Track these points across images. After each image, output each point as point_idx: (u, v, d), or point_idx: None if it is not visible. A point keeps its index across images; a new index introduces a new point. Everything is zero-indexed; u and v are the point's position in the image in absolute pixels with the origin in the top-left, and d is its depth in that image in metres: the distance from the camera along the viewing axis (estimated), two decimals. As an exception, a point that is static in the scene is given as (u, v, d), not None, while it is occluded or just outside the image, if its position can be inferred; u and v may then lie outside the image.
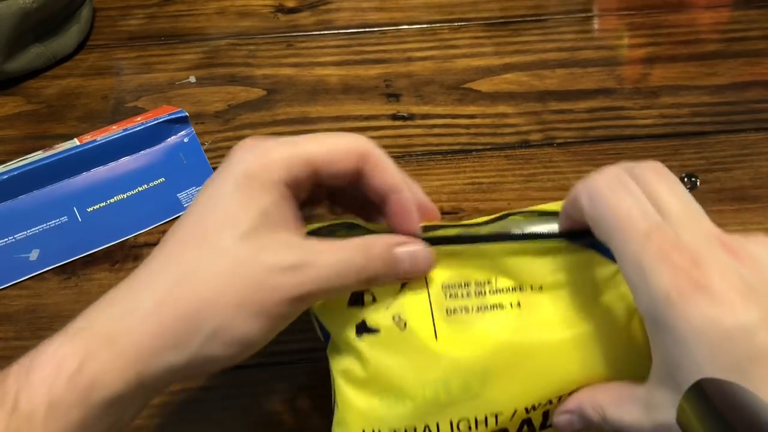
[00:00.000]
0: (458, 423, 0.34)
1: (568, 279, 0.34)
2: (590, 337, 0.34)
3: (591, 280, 0.34)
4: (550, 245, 0.34)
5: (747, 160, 0.54)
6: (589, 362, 0.34)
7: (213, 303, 0.29)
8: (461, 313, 0.34)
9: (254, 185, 0.30)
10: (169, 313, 0.29)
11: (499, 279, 0.34)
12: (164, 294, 0.29)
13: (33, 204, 0.52)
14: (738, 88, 0.60)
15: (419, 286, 0.34)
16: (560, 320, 0.34)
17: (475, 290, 0.34)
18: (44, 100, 0.61)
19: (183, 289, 0.29)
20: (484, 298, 0.34)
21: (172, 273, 0.30)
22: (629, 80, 0.61)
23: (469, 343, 0.33)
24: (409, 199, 0.33)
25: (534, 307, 0.34)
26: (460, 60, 0.63)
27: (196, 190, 0.53)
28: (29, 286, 0.49)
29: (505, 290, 0.34)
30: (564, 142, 0.56)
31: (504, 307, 0.34)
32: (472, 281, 0.34)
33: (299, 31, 0.67)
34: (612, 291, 0.34)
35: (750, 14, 0.67)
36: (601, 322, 0.34)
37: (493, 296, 0.34)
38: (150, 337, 0.29)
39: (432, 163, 0.55)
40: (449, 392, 0.33)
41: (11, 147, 0.57)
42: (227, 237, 0.30)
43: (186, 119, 0.55)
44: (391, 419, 0.34)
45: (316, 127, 0.58)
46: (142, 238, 0.51)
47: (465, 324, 0.34)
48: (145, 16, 0.69)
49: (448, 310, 0.34)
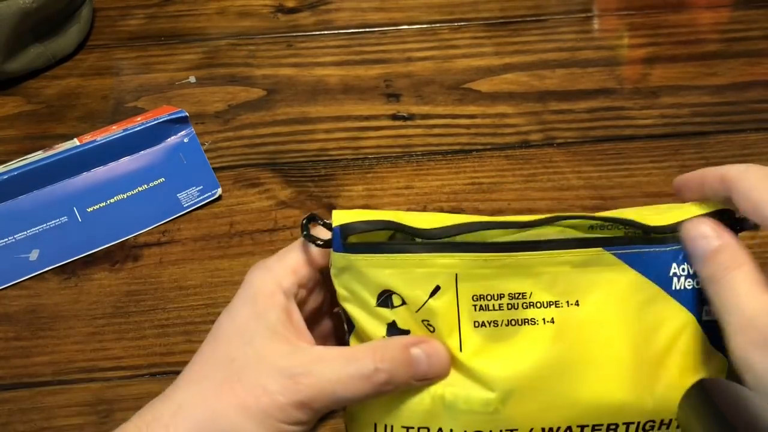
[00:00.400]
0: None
1: (606, 294, 0.33)
2: (619, 363, 0.32)
3: (630, 297, 0.33)
4: (590, 253, 0.32)
5: (747, 160, 0.54)
6: (614, 388, 0.33)
7: (219, 412, 0.31)
8: (490, 327, 0.32)
9: (260, 301, 0.33)
10: (183, 425, 0.31)
11: (536, 291, 0.32)
12: (181, 405, 0.31)
13: (33, 204, 0.52)
14: (738, 88, 0.60)
15: (448, 294, 0.32)
16: (591, 341, 0.33)
17: (508, 303, 0.32)
18: (44, 100, 0.61)
19: (195, 399, 0.31)
20: (516, 312, 0.32)
21: (192, 388, 0.32)
22: (629, 80, 0.61)
23: (494, 360, 0.32)
24: None
25: (567, 325, 0.32)
26: (460, 60, 0.63)
27: (197, 189, 0.53)
28: (29, 286, 0.49)
29: (541, 304, 0.32)
30: (564, 142, 0.56)
31: (537, 323, 0.32)
32: (506, 293, 0.32)
33: (299, 31, 0.67)
34: (650, 312, 0.33)
35: (750, 14, 0.67)
36: (633, 347, 0.33)
37: (527, 310, 0.32)
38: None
39: (432, 163, 0.55)
40: (468, 403, 0.33)
41: (11, 147, 0.57)
42: (236, 347, 0.32)
43: (186, 119, 0.55)
44: (405, 416, 0.33)
45: (316, 127, 0.58)
46: (142, 238, 0.51)
47: (492, 339, 0.32)
48: (145, 16, 0.69)
49: (476, 323, 0.32)
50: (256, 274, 0.34)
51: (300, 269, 0.34)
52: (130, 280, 0.49)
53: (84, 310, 0.47)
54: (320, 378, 0.31)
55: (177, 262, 0.50)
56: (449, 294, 0.32)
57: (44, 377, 0.44)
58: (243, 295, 0.33)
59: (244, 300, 0.33)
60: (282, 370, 0.31)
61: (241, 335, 0.32)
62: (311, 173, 0.55)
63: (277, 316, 0.32)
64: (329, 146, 0.57)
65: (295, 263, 0.34)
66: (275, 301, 0.33)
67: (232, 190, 0.54)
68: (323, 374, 0.31)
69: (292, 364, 0.31)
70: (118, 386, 0.43)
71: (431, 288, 0.32)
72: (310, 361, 0.32)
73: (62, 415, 0.42)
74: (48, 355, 0.45)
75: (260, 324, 0.32)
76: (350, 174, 0.55)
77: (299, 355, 0.32)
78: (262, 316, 0.32)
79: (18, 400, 0.43)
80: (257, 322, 0.32)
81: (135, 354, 0.45)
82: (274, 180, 0.54)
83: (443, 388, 0.33)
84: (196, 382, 0.32)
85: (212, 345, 0.33)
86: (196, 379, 0.32)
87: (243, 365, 0.31)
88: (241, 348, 0.32)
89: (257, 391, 0.31)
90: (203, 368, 0.32)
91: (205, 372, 0.32)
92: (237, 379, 0.31)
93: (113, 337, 0.46)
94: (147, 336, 0.46)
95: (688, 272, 0.33)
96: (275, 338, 0.32)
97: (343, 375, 0.31)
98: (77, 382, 0.44)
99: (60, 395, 0.43)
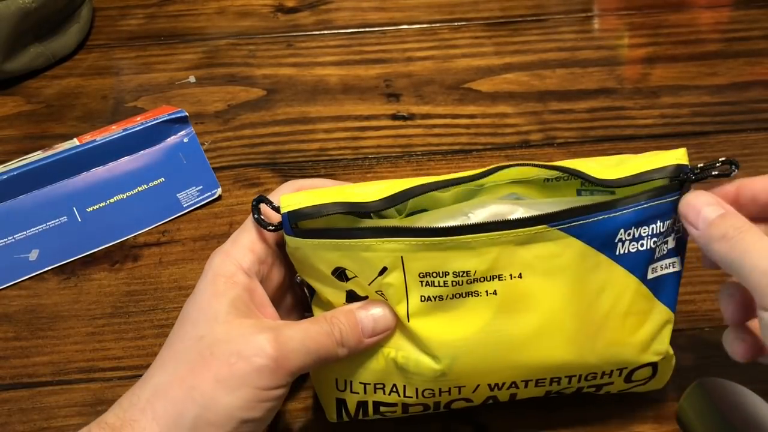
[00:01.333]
0: (423, 391, 0.36)
1: (549, 266, 0.34)
2: (560, 328, 0.34)
3: (574, 267, 0.34)
4: (534, 231, 0.33)
5: (748, 160, 0.54)
6: (556, 351, 0.35)
7: (194, 387, 0.31)
8: (435, 300, 0.34)
9: (220, 281, 0.34)
10: (160, 406, 0.31)
11: (480, 269, 0.34)
12: (156, 388, 0.32)
13: (33, 204, 0.52)
14: (738, 88, 0.60)
15: (396, 272, 0.34)
16: (533, 310, 0.34)
17: (453, 280, 0.34)
18: (44, 99, 0.61)
19: (169, 379, 0.32)
20: (460, 288, 0.34)
21: (166, 370, 0.33)
22: (629, 80, 0.61)
23: (438, 330, 0.34)
24: None
25: (510, 295, 0.34)
26: (460, 60, 0.63)
27: (196, 189, 0.53)
28: (29, 286, 0.49)
29: (484, 278, 0.34)
30: (564, 142, 0.56)
31: (480, 294, 0.34)
32: (451, 271, 0.34)
33: (299, 30, 0.67)
34: (593, 279, 0.34)
35: (750, 14, 0.67)
36: (575, 313, 0.34)
37: (471, 285, 0.34)
38: (148, 427, 0.31)
39: (432, 163, 0.55)
40: (418, 367, 0.35)
41: (11, 147, 0.57)
42: (202, 326, 0.33)
43: (186, 119, 0.55)
44: (362, 374, 0.36)
45: (316, 127, 0.58)
46: (141, 238, 0.51)
47: (438, 310, 0.34)
48: (145, 15, 0.69)
49: (422, 297, 0.34)
50: (215, 260, 0.35)
51: (256, 247, 0.35)
52: (130, 280, 0.49)
53: (83, 310, 0.47)
54: (291, 335, 0.33)
55: (177, 262, 0.49)
56: (397, 272, 0.34)
57: (44, 377, 0.44)
58: (204, 280, 0.34)
59: (205, 284, 0.34)
60: (253, 335, 0.32)
61: (205, 314, 0.33)
62: (311, 173, 0.55)
63: (238, 293, 0.34)
64: (329, 146, 0.57)
65: (250, 242, 0.35)
66: (236, 281, 0.34)
67: (231, 190, 0.54)
68: (293, 332, 0.33)
69: (261, 329, 0.32)
70: (118, 386, 0.43)
71: (379, 268, 0.34)
72: (277, 326, 0.33)
73: (62, 415, 0.42)
74: (47, 355, 0.45)
75: (222, 302, 0.33)
76: (350, 174, 0.54)
77: (266, 324, 0.33)
78: (224, 295, 0.33)
79: (17, 400, 0.43)
80: (219, 300, 0.33)
81: (134, 354, 0.45)
82: (274, 180, 0.54)
83: (395, 352, 0.35)
84: (169, 364, 0.33)
85: (179, 329, 0.34)
86: (167, 362, 0.33)
87: (212, 340, 0.32)
88: (208, 325, 0.33)
89: (231, 359, 0.31)
90: (173, 351, 0.33)
91: (176, 354, 0.33)
92: (209, 353, 0.32)
93: (113, 337, 0.46)
94: (146, 336, 0.46)
95: (633, 236, 0.34)
96: (239, 313, 0.33)
97: (310, 332, 0.33)
98: (77, 382, 0.43)
99: (59, 395, 0.43)
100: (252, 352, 0.31)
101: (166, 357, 0.33)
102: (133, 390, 0.33)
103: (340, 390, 0.37)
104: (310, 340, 0.33)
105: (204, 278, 0.34)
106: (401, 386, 0.36)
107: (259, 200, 0.35)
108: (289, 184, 0.38)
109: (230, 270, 0.34)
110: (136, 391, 0.33)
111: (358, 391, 0.37)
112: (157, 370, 0.33)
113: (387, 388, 0.36)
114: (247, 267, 0.34)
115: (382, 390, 0.36)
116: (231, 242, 0.36)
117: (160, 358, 0.33)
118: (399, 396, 0.36)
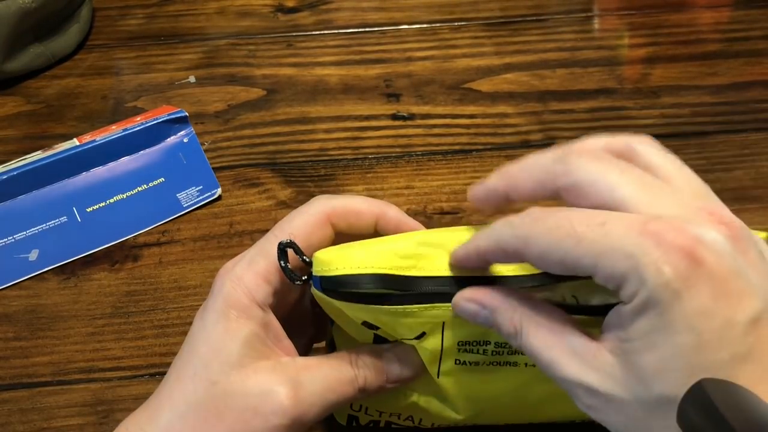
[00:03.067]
0: (439, 425, 0.36)
1: None
2: None
3: None
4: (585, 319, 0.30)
5: (748, 160, 0.54)
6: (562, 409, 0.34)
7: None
8: (470, 365, 0.32)
9: (233, 314, 0.31)
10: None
11: None
12: (158, 425, 0.30)
13: (32, 204, 0.52)
14: (739, 88, 0.60)
15: (434, 338, 0.32)
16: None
17: (494, 350, 0.32)
18: (44, 99, 0.61)
19: (182, 428, 0.30)
20: (500, 357, 0.32)
21: (176, 412, 0.30)
22: (630, 80, 0.61)
23: (468, 388, 0.33)
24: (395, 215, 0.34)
25: None
26: (460, 60, 0.63)
27: (196, 189, 0.53)
28: (29, 286, 0.49)
29: None
30: (564, 142, 0.56)
31: (518, 365, 0.32)
32: (492, 341, 0.32)
33: (299, 30, 0.67)
34: None
35: (751, 14, 0.67)
36: None
37: (511, 356, 0.32)
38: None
39: (432, 163, 0.55)
40: (439, 412, 0.35)
41: (11, 147, 0.57)
42: (216, 369, 0.30)
43: (186, 119, 0.55)
44: (380, 404, 0.35)
45: (316, 127, 0.58)
46: (141, 238, 0.51)
47: (471, 373, 0.33)
48: (145, 15, 0.69)
49: (457, 360, 0.32)
50: (226, 285, 0.31)
51: (272, 277, 0.32)
52: (130, 280, 0.49)
53: (83, 310, 0.47)
54: (310, 388, 0.30)
55: (176, 262, 0.49)
56: (435, 338, 0.32)
57: (43, 377, 0.44)
58: (215, 308, 0.31)
59: (218, 315, 0.31)
60: (270, 389, 0.30)
61: (218, 355, 0.30)
62: (311, 173, 0.55)
63: (253, 330, 0.31)
64: (329, 146, 0.57)
65: (265, 270, 0.32)
66: (250, 315, 0.31)
67: (231, 190, 0.54)
68: (313, 384, 0.31)
69: (279, 380, 0.30)
70: (118, 386, 0.43)
71: (417, 334, 0.32)
72: (296, 373, 0.31)
73: (61, 416, 0.42)
74: (47, 356, 0.45)
75: (236, 342, 0.30)
76: (350, 174, 0.54)
77: (284, 369, 0.31)
78: (238, 333, 0.31)
79: (17, 400, 0.43)
80: (233, 340, 0.30)
81: (134, 354, 0.45)
82: (274, 180, 0.54)
83: (417, 396, 0.34)
84: (179, 405, 0.30)
85: (189, 364, 0.31)
86: (178, 401, 0.30)
87: (227, 390, 0.30)
88: (221, 369, 0.30)
89: (247, 415, 0.29)
90: (184, 391, 0.31)
91: (187, 395, 0.30)
92: (223, 405, 0.30)
93: (113, 337, 0.46)
94: (146, 336, 0.45)
95: None
96: (254, 354, 0.31)
97: (331, 381, 0.31)
98: (77, 383, 0.43)
99: (59, 395, 0.43)
100: (269, 410, 0.29)
101: (177, 395, 0.31)
102: (138, 422, 0.31)
103: (354, 410, 0.36)
104: (331, 393, 0.31)
105: (214, 305, 0.31)
106: (417, 419, 0.36)
107: (286, 247, 0.31)
108: (320, 203, 0.33)
109: (243, 302, 0.31)
110: (143, 426, 0.30)
111: (372, 415, 0.36)
112: (165, 406, 0.31)
113: (402, 417, 0.36)
114: (260, 300, 0.31)
115: (398, 417, 0.36)
116: (245, 265, 0.32)
117: (169, 390, 0.31)
118: (413, 423, 0.36)
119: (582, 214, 0.26)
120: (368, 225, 0.33)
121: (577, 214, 0.26)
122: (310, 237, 0.32)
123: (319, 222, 0.32)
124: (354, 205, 0.33)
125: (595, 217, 0.25)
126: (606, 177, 0.27)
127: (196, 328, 0.32)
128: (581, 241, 0.25)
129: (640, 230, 0.24)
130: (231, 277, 0.32)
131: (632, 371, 0.25)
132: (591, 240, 0.25)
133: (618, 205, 0.26)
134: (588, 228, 0.25)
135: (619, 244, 0.24)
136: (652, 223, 0.25)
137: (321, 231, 0.32)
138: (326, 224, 0.32)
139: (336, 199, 0.33)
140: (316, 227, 0.32)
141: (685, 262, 0.24)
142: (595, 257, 0.25)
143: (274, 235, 0.32)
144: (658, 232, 0.24)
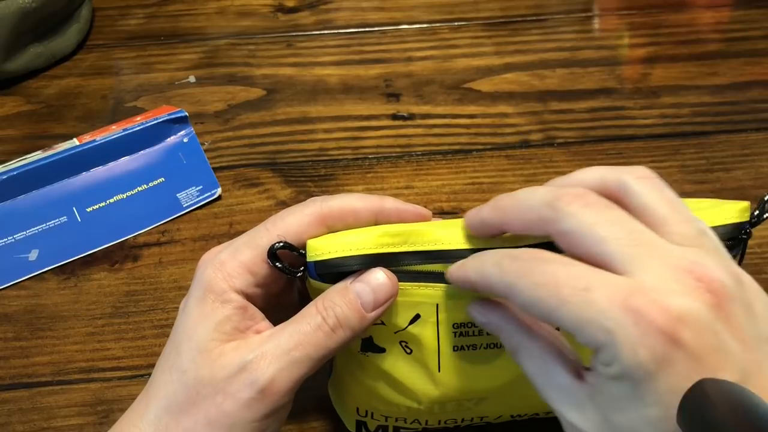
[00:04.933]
0: (446, 420, 0.36)
1: None
2: None
3: None
4: None
5: (748, 160, 0.54)
6: None
7: (190, 430, 0.30)
8: (468, 350, 0.32)
9: (210, 298, 0.31)
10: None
11: None
12: (156, 427, 0.30)
13: (32, 204, 0.52)
14: (739, 88, 0.60)
15: (429, 323, 0.32)
16: None
17: None
18: (44, 99, 0.61)
19: (168, 422, 0.30)
20: (496, 338, 0.32)
21: (160, 403, 0.31)
22: (630, 80, 0.61)
23: (470, 378, 0.33)
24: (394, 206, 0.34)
25: None
26: (460, 60, 0.63)
27: (196, 189, 0.53)
28: (28, 286, 0.49)
29: None
30: (564, 142, 0.56)
31: None
32: None
33: (299, 30, 0.67)
34: None
35: (751, 14, 0.67)
36: None
37: None
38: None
39: (432, 163, 0.55)
40: (443, 408, 0.34)
41: (11, 147, 0.57)
42: (186, 357, 0.31)
43: (186, 119, 0.55)
44: (385, 409, 0.35)
45: (316, 127, 0.58)
46: (141, 238, 0.51)
47: (470, 360, 0.33)
48: (145, 15, 0.69)
49: (455, 347, 0.32)
50: (207, 270, 0.32)
51: (256, 268, 0.32)
52: (130, 280, 0.49)
53: (83, 310, 0.47)
54: (275, 353, 0.30)
55: (176, 262, 0.49)
56: (430, 322, 0.32)
57: (43, 377, 0.44)
58: (194, 294, 0.32)
59: (196, 300, 0.32)
60: (234, 366, 0.30)
61: (189, 340, 0.31)
62: (311, 173, 0.55)
63: (227, 315, 0.31)
64: (329, 146, 0.57)
65: (250, 261, 0.32)
66: (226, 299, 0.31)
67: (231, 190, 0.54)
68: (278, 348, 0.30)
69: (241, 356, 0.30)
70: (118, 386, 0.43)
71: (411, 316, 0.32)
72: (259, 344, 0.30)
73: (61, 416, 0.42)
74: (47, 356, 0.45)
75: (207, 326, 0.31)
76: (350, 174, 0.54)
77: (247, 345, 0.31)
78: (211, 318, 0.31)
79: (17, 400, 0.43)
80: (204, 324, 0.31)
81: (134, 354, 0.45)
82: (274, 180, 0.54)
83: (421, 404, 0.34)
84: (162, 398, 0.31)
85: (168, 353, 0.32)
86: (161, 393, 0.31)
87: (195, 377, 0.30)
88: (190, 355, 0.31)
89: (218, 399, 0.30)
90: (163, 380, 0.31)
91: (166, 385, 0.31)
92: (196, 393, 0.30)
93: (112, 337, 0.46)
94: (146, 336, 0.45)
95: None
96: (224, 338, 0.31)
97: (297, 336, 0.30)
98: (76, 383, 0.43)
99: (59, 395, 0.43)
100: (236, 388, 0.30)
101: (161, 387, 0.31)
102: (132, 419, 0.31)
103: (361, 416, 0.36)
104: (300, 348, 0.30)
105: (194, 291, 0.32)
106: (423, 420, 0.36)
107: (279, 248, 0.31)
108: (315, 204, 0.33)
109: (221, 287, 0.31)
110: (135, 422, 0.31)
111: (379, 420, 0.36)
112: (153, 400, 0.31)
113: (409, 420, 0.36)
114: (239, 288, 0.31)
115: (404, 421, 0.36)
116: (230, 253, 0.32)
117: (156, 383, 0.31)
118: (420, 425, 0.36)
119: (568, 274, 0.26)
120: (368, 223, 0.33)
121: (564, 274, 0.26)
122: (301, 237, 0.32)
123: (313, 223, 0.32)
124: (350, 205, 0.33)
125: (579, 280, 0.26)
126: (594, 230, 0.27)
127: (178, 316, 0.32)
128: (564, 305, 0.25)
129: (622, 305, 0.24)
130: (214, 262, 0.32)
131: (606, 423, 0.26)
132: (574, 305, 0.25)
133: (605, 262, 0.26)
134: (572, 292, 0.25)
135: (598, 317, 0.25)
136: (634, 297, 0.25)
137: (314, 232, 0.32)
138: (320, 225, 0.32)
139: (332, 200, 0.33)
140: (310, 227, 0.32)
141: (661, 343, 0.24)
142: (576, 323, 0.25)
143: (265, 228, 0.32)
144: (638, 309, 0.24)
